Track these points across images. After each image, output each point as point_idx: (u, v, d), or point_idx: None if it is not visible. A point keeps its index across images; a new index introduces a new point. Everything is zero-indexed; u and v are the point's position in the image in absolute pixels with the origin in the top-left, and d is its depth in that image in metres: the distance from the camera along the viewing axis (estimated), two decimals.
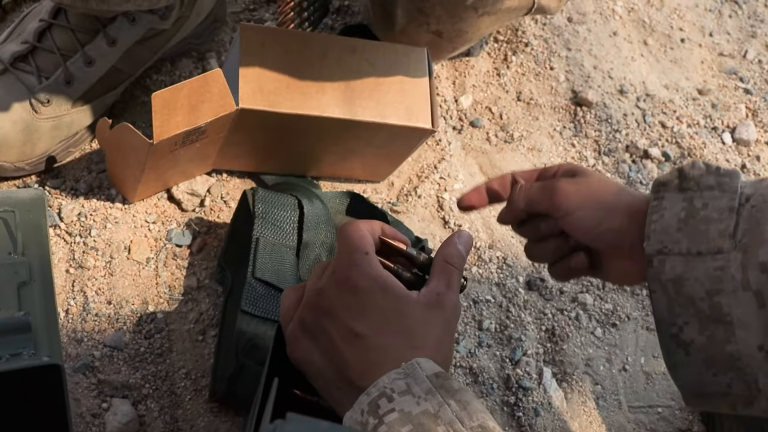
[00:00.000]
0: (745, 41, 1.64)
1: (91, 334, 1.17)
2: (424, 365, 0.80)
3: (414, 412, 0.76)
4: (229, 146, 1.23)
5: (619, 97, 1.52)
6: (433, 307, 0.86)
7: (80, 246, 1.23)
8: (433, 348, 0.84)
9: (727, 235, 0.85)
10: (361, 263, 0.86)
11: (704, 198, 0.88)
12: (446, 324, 0.86)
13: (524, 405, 1.22)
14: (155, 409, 1.15)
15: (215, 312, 1.21)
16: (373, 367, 0.82)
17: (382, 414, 0.77)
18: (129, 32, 1.25)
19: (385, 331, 0.84)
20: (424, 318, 0.85)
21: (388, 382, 0.79)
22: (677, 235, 0.87)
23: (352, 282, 0.85)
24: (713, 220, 0.87)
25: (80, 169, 1.29)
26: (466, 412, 0.77)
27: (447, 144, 1.42)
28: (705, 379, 0.88)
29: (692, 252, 0.86)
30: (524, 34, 1.55)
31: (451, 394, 0.78)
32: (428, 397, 0.77)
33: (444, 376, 0.79)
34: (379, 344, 0.83)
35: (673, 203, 0.89)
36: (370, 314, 0.84)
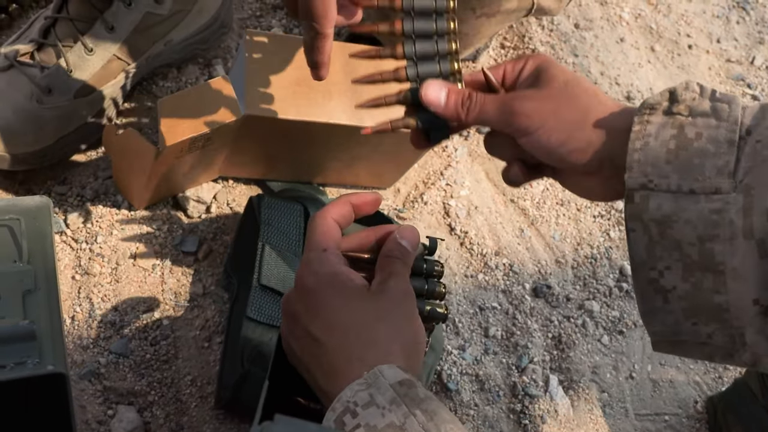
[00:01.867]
0: (753, 48, 1.64)
1: (96, 340, 1.17)
2: (386, 373, 0.76)
3: (380, 426, 0.73)
4: (235, 153, 1.23)
5: (627, 104, 1.52)
6: (380, 297, 0.82)
7: (86, 252, 1.23)
8: (389, 340, 0.80)
9: (727, 172, 0.76)
10: (313, 261, 0.83)
11: (697, 126, 0.78)
12: (400, 311, 0.82)
13: (530, 412, 1.22)
14: (161, 416, 1.15)
15: (221, 319, 1.21)
16: (333, 373, 0.79)
17: (348, 431, 0.74)
18: (126, 17, 1.26)
19: (339, 331, 0.80)
20: (375, 309, 0.81)
21: (350, 395, 0.75)
22: (666, 168, 0.77)
23: (304, 281, 0.82)
24: (709, 153, 0.76)
25: (86, 175, 1.29)
26: (433, 423, 0.74)
27: (453, 150, 1.42)
28: (682, 328, 0.80)
29: (683, 190, 0.77)
30: (531, 40, 1.55)
31: (417, 404, 0.75)
32: (393, 408, 0.74)
33: (408, 384, 0.76)
34: (335, 346, 0.80)
35: (660, 129, 0.79)
36: (323, 315, 0.81)
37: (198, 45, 1.38)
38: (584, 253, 1.37)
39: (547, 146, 0.83)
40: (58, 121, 1.24)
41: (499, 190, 1.41)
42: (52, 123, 1.24)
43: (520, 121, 0.83)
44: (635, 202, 0.78)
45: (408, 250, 0.86)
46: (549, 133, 0.82)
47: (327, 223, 0.85)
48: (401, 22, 0.90)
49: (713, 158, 0.76)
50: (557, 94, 0.84)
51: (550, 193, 1.41)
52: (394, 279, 0.83)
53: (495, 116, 0.85)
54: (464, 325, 1.27)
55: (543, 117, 0.83)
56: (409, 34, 0.90)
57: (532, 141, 0.83)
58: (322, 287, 0.81)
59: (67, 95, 1.24)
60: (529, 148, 0.85)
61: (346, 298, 0.81)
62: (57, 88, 1.23)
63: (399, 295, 0.82)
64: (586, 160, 0.82)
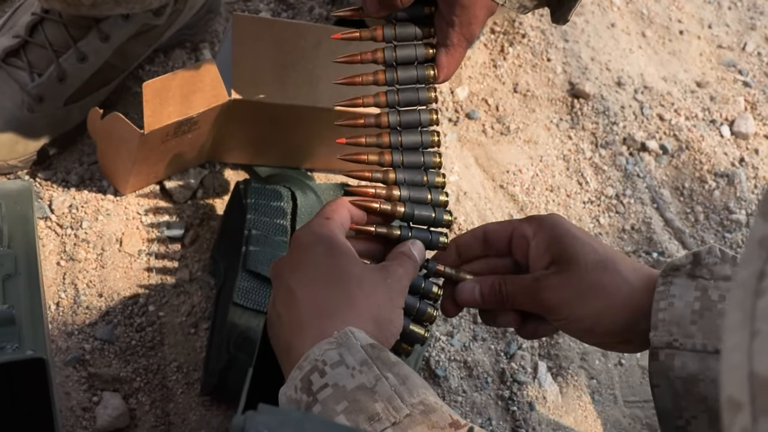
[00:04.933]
0: (745, 33, 1.63)
1: (81, 327, 1.16)
2: (357, 334, 0.75)
3: (349, 387, 0.72)
4: (221, 138, 1.22)
5: (617, 89, 1.51)
6: (375, 270, 0.82)
7: (71, 238, 1.22)
8: (364, 307, 0.79)
9: None
10: (313, 224, 0.84)
11: (720, 289, 0.81)
12: (388, 290, 0.81)
13: (519, 399, 1.21)
14: (146, 403, 1.14)
15: (208, 305, 1.20)
16: (299, 325, 0.78)
17: (316, 390, 0.72)
18: (122, 28, 1.24)
19: (315, 285, 0.80)
20: (363, 276, 0.81)
21: (319, 353, 0.74)
22: (691, 328, 0.80)
23: (298, 240, 0.83)
24: None
25: (72, 161, 1.27)
26: (405, 387, 0.73)
27: (443, 136, 1.41)
28: None
29: (708, 350, 0.80)
30: (521, 26, 1.54)
31: (389, 367, 0.74)
32: (363, 369, 0.73)
33: (379, 347, 0.75)
34: (308, 297, 0.79)
35: (684, 291, 0.82)
36: (306, 268, 0.81)
37: (185, 30, 1.37)
38: None
39: (576, 332, 0.89)
40: (49, 127, 1.23)
41: (488, 175, 1.40)
42: (42, 130, 1.22)
43: (548, 310, 0.88)
44: (660, 360, 0.82)
45: (418, 260, 0.87)
46: (577, 322, 0.87)
47: (339, 203, 0.87)
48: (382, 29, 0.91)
49: None
50: (581, 281, 0.87)
51: (540, 179, 1.40)
52: (397, 267, 0.84)
53: (527, 305, 0.89)
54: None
55: (570, 308, 0.86)
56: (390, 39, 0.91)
57: (561, 326, 0.89)
58: (314, 244, 0.82)
59: (58, 102, 1.23)
60: (560, 327, 0.90)
61: (334, 257, 0.81)
62: (48, 96, 1.22)
63: (393, 279, 0.83)
64: (611, 337, 0.87)
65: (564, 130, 1.46)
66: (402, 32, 0.90)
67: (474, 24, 0.87)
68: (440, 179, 0.92)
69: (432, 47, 0.91)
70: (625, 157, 1.45)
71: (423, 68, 0.91)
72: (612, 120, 1.47)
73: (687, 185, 1.44)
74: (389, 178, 0.90)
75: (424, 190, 0.91)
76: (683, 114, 1.50)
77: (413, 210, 0.89)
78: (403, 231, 0.89)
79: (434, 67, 0.91)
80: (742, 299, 0.37)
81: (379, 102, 0.91)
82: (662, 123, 1.49)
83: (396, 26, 0.90)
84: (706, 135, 1.48)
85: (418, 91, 0.91)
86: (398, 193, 0.89)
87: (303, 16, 1.46)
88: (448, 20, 0.87)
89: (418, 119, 0.91)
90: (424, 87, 0.91)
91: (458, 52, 0.90)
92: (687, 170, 1.45)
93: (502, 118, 1.45)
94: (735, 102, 1.53)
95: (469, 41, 0.89)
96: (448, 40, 0.89)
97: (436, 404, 0.73)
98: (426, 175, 0.91)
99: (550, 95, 1.48)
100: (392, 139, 0.91)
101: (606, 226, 1.38)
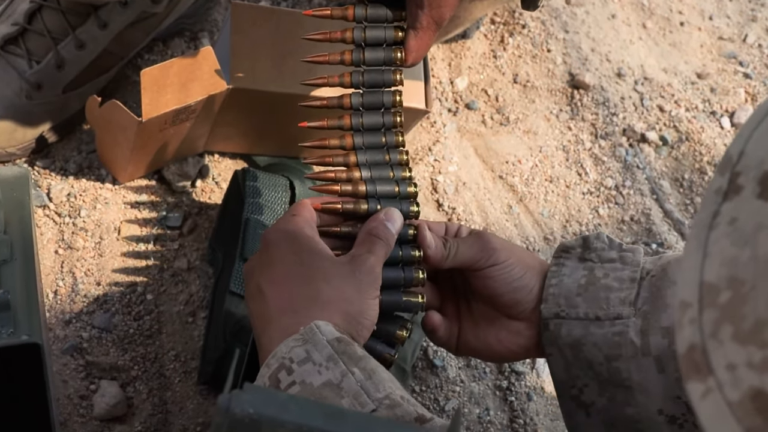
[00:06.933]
0: (745, 25, 1.63)
1: (79, 315, 1.16)
2: (323, 329, 0.76)
3: (316, 384, 0.73)
4: (220, 126, 1.22)
5: (617, 81, 1.51)
6: (345, 263, 0.83)
7: (69, 227, 1.21)
8: (330, 301, 0.80)
9: (628, 302, 0.86)
10: (280, 221, 0.85)
11: (605, 269, 0.89)
12: (357, 283, 0.82)
13: (517, 389, 1.21)
14: (144, 391, 1.14)
15: (205, 294, 1.20)
16: (266, 323, 0.79)
17: (284, 388, 0.73)
18: (121, 16, 1.23)
19: (281, 282, 0.81)
20: (330, 271, 0.81)
21: (286, 351, 0.75)
22: (576, 299, 0.88)
23: (265, 238, 0.84)
24: (614, 288, 0.87)
25: (70, 149, 1.27)
26: (371, 382, 0.73)
27: (442, 126, 1.41)
28: None
29: (590, 317, 0.87)
30: (521, 16, 1.53)
31: (355, 362, 0.74)
32: (330, 365, 0.74)
33: (346, 342, 0.75)
34: (274, 295, 0.80)
35: (573, 271, 0.90)
36: (274, 265, 0.82)
37: (184, 19, 1.36)
38: (573, 230, 1.36)
39: (508, 278, 0.90)
40: (48, 115, 1.23)
41: (487, 166, 1.40)
42: (41, 117, 1.22)
43: (492, 252, 0.90)
44: (550, 330, 0.89)
45: (392, 234, 0.87)
46: (512, 266, 0.90)
47: (303, 201, 0.88)
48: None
49: (617, 292, 0.87)
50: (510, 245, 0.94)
51: (539, 169, 1.40)
52: (367, 256, 0.84)
53: (471, 250, 0.91)
54: None
55: (509, 252, 0.91)
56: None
57: (499, 270, 0.90)
58: (281, 241, 0.83)
59: (56, 90, 1.23)
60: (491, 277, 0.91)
61: (300, 254, 0.82)
62: (47, 83, 1.22)
63: (363, 271, 0.82)
64: (527, 299, 0.91)
65: (564, 120, 1.45)
66: (373, 13, 0.91)
67: (444, 7, 0.88)
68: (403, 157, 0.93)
69: (402, 30, 0.92)
70: (625, 148, 1.44)
71: (390, 50, 0.91)
72: (612, 111, 1.47)
73: (687, 176, 1.43)
74: (350, 160, 0.91)
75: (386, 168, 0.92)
76: (683, 105, 1.50)
77: (375, 187, 0.90)
78: (371, 204, 0.89)
79: (402, 50, 0.92)
80: (698, 233, 0.47)
81: (344, 82, 0.92)
82: (662, 114, 1.48)
83: (367, 7, 0.91)
84: (706, 126, 1.48)
85: (384, 73, 0.92)
86: (359, 174, 0.90)
87: (302, 5, 1.46)
88: (418, 2, 0.88)
89: (381, 101, 0.92)
90: (390, 69, 0.92)
91: (427, 35, 0.91)
92: (687, 162, 1.45)
93: (501, 109, 1.45)
94: (735, 93, 1.53)
95: (439, 24, 0.90)
96: (417, 23, 0.90)
97: (402, 399, 0.74)
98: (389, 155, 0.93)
99: (550, 86, 1.48)
100: (354, 121, 0.92)
101: (605, 217, 1.38)
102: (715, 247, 0.45)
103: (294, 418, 0.51)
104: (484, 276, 0.91)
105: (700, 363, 0.44)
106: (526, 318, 0.91)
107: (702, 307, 0.45)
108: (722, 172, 0.48)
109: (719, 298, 0.44)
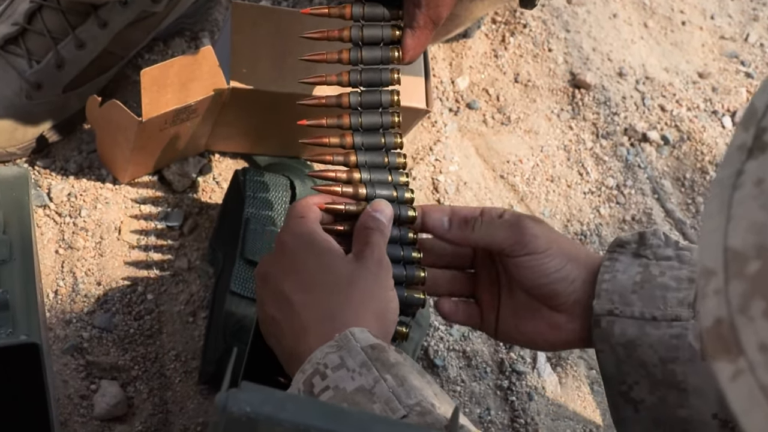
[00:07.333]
0: (747, 24, 1.62)
1: (80, 315, 1.16)
2: (358, 336, 0.77)
3: (348, 389, 0.74)
4: (220, 126, 1.22)
5: (618, 80, 1.51)
6: (355, 263, 0.84)
7: (70, 226, 1.21)
8: (360, 303, 0.82)
9: (687, 303, 0.84)
10: (291, 224, 0.86)
11: (662, 267, 0.86)
12: (373, 277, 0.84)
13: (518, 389, 1.21)
14: (144, 391, 1.14)
15: (206, 293, 1.20)
16: (303, 331, 0.81)
17: (317, 393, 0.74)
18: (121, 15, 1.23)
19: (310, 290, 0.82)
20: (349, 273, 0.83)
21: (321, 356, 0.76)
22: (631, 297, 0.86)
23: (281, 242, 0.85)
24: (671, 288, 0.85)
25: (70, 149, 1.27)
26: (403, 389, 0.74)
27: (443, 126, 1.40)
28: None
29: (646, 317, 0.85)
30: (522, 16, 1.53)
31: (387, 368, 0.75)
32: (363, 371, 0.75)
33: (380, 348, 0.77)
34: (307, 304, 0.82)
35: (628, 267, 0.87)
36: (297, 272, 0.83)
37: (185, 19, 1.36)
38: (574, 229, 1.36)
39: (546, 269, 0.88)
40: (47, 114, 1.23)
41: (488, 165, 1.40)
42: (41, 117, 1.22)
43: (529, 239, 0.88)
44: (602, 327, 0.86)
45: (383, 221, 0.88)
46: (552, 256, 0.88)
47: (307, 201, 0.88)
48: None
49: (675, 291, 0.85)
50: (552, 229, 0.92)
51: (540, 169, 1.40)
52: (370, 248, 0.85)
53: (504, 233, 0.89)
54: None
55: (550, 240, 0.89)
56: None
57: (535, 261, 0.88)
58: (300, 247, 0.84)
59: (56, 89, 1.23)
60: (527, 267, 0.89)
61: (322, 258, 0.83)
62: (47, 83, 1.22)
63: (374, 264, 0.84)
64: (567, 291, 0.88)
65: (565, 120, 1.45)
66: (370, 12, 0.91)
67: (441, 6, 0.88)
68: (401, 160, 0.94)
69: (399, 29, 0.92)
70: (626, 148, 1.44)
71: (387, 49, 0.92)
72: (613, 110, 1.46)
73: (688, 176, 1.43)
74: (350, 160, 0.92)
75: (384, 172, 0.92)
76: (685, 105, 1.49)
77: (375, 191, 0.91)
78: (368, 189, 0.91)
79: (399, 49, 0.92)
80: (721, 193, 0.44)
81: (342, 80, 0.92)
82: (664, 114, 1.48)
83: (365, 5, 0.91)
84: (708, 126, 1.48)
85: (381, 72, 0.92)
86: (359, 176, 0.91)
87: (303, 5, 1.46)
88: (415, 1, 0.89)
89: (379, 100, 0.92)
90: (387, 68, 0.92)
91: (424, 34, 0.91)
92: (688, 161, 1.45)
93: (502, 108, 1.45)
94: (737, 93, 1.53)
95: (436, 23, 0.90)
96: (414, 22, 0.90)
97: (434, 406, 0.74)
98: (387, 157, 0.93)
99: (551, 85, 1.48)
100: (353, 120, 0.92)
101: (606, 217, 1.37)
102: (740, 210, 0.42)
103: (291, 417, 0.51)
104: (520, 264, 0.89)
105: (728, 340, 0.41)
106: (567, 310, 0.90)
107: (728, 276, 0.42)
108: (746, 127, 0.45)
109: (747, 268, 0.41)
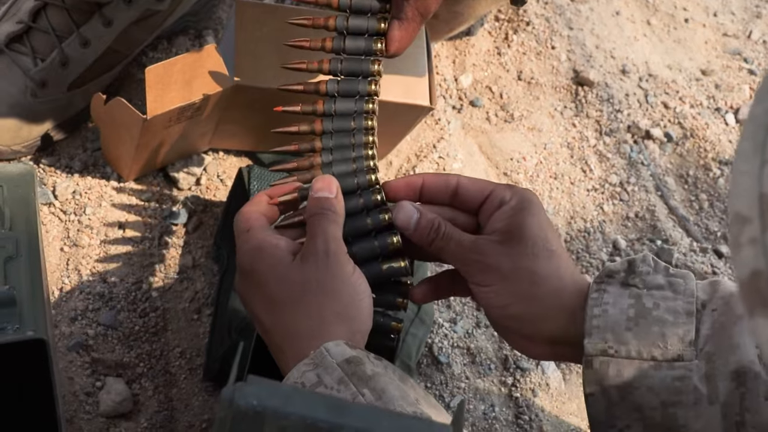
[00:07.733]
0: (750, 21, 1.63)
1: (85, 312, 1.16)
2: (333, 351, 0.76)
3: None
4: (225, 124, 1.22)
5: (621, 77, 1.51)
6: (303, 265, 0.81)
7: (75, 224, 1.22)
8: (321, 309, 0.80)
9: (688, 341, 0.78)
10: (240, 241, 0.84)
11: (654, 297, 0.80)
12: (323, 273, 0.80)
13: (522, 386, 1.21)
14: (149, 388, 1.14)
15: (211, 291, 1.20)
16: (279, 351, 0.81)
17: None
18: (125, 13, 1.24)
19: (272, 309, 0.81)
20: (299, 278, 0.80)
21: (298, 375, 0.75)
22: (626, 335, 0.79)
23: (239, 263, 0.83)
24: (668, 322, 0.78)
25: (75, 147, 1.28)
26: (381, 402, 0.73)
27: (446, 123, 1.41)
28: None
29: (644, 356, 0.78)
30: (525, 13, 1.53)
31: (365, 382, 0.74)
32: (341, 388, 0.74)
33: (356, 361, 0.75)
34: (273, 324, 0.81)
35: (618, 298, 0.81)
36: (260, 290, 0.82)
37: (189, 17, 1.37)
38: (577, 226, 1.36)
39: (492, 308, 0.84)
40: (52, 113, 1.23)
41: (492, 163, 1.40)
42: (46, 115, 1.23)
43: (477, 271, 0.84)
44: (594, 368, 0.80)
45: (327, 197, 0.84)
46: (497, 297, 0.83)
47: (247, 211, 0.86)
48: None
49: (673, 327, 0.78)
50: (519, 258, 0.83)
51: (544, 166, 1.40)
52: (313, 241, 0.82)
53: (453, 257, 0.85)
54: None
55: (499, 279, 0.83)
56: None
57: (480, 295, 0.85)
58: (254, 263, 0.82)
59: (61, 87, 1.23)
60: (475, 298, 0.86)
61: (275, 270, 0.81)
62: (52, 81, 1.22)
63: (321, 257, 0.81)
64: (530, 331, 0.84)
65: (568, 117, 1.45)
66: (357, 2, 0.92)
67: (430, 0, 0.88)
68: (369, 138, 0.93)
69: (384, 21, 0.92)
70: (630, 145, 1.44)
71: (371, 40, 0.91)
72: (616, 108, 1.47)
73: (691, 173, 1.43)
74: (316, 146, 0.92)
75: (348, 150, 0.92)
76: (688, 102, 1.50)
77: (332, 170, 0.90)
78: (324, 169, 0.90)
79: (383, 41, 0.92)
80: (754, 131, 0.41)
81: (323, 68, 0.92)
82: (667, 111, 1.48)
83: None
84: (711, 123, 1.48)
85: (362, 62, 0.92)
86: (319, 160, 0.91)
87: None
88: None
89: (356, 89, 0.92)
90: (369, 59, 0.92)
91: (412, 27, 0.90)
92: (691, 158, 1.45)
93: (506, 106, 1.45)
94: (740, 90, 1.53)
95: (424, 16, 0.89)
96: (402, 14, 0.89)
97: (414, 413, 0.73)
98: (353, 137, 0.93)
99: (555, 83, 1.48)
100: (326, 106, 0.93)
101: (610, 214, 1.38)
102: None
103: (298, 410, 0.52)
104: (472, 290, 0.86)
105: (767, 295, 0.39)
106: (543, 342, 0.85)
107: (765, 224, 0.40)
108: None
109: None
